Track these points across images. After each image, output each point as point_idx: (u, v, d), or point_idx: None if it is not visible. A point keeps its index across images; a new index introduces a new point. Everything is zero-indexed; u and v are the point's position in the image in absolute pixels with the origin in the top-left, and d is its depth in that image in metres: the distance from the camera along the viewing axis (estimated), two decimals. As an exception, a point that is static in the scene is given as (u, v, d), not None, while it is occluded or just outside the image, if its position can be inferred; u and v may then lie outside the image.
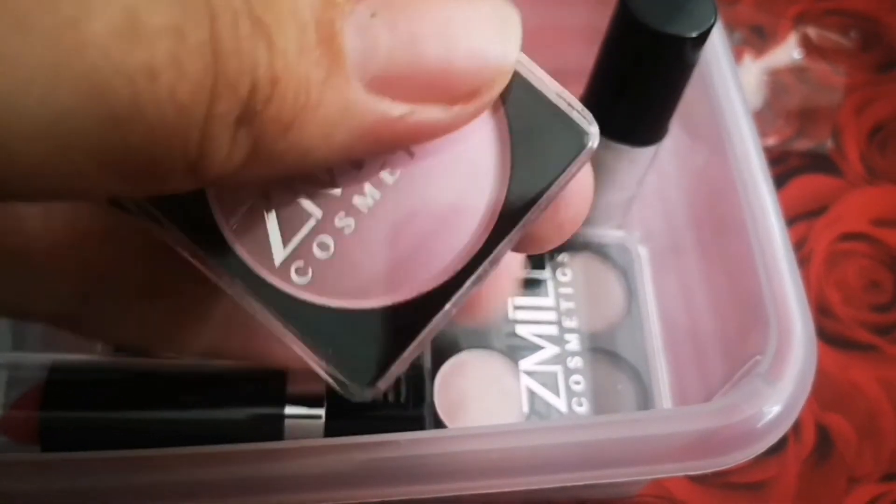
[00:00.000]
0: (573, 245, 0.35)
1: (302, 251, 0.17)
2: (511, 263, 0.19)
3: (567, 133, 0.17)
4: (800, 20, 0.48)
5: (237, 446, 0.23)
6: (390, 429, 0.25)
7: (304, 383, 0.27)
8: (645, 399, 0.32)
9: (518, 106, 0.17)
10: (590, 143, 0.17)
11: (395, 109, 0.15)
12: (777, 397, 0.24)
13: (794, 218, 0.42)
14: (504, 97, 0.17)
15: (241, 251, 0.17)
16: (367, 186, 0.17)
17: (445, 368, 0.31)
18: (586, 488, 0.33)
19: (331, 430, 0.26)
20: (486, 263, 0.17)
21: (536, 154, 0.17)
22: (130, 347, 0.19)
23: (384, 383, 0.17)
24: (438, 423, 0.30)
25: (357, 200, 0.17)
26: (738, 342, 0.28)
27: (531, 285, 0.34)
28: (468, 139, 0.17)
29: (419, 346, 0.17)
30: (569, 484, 0.24)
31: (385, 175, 0.17)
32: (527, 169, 0.17)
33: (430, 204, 0.17)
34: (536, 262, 0.34)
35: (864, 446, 0.36)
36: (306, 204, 0.17)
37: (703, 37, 0.27)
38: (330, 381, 0.17)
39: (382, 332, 0.17)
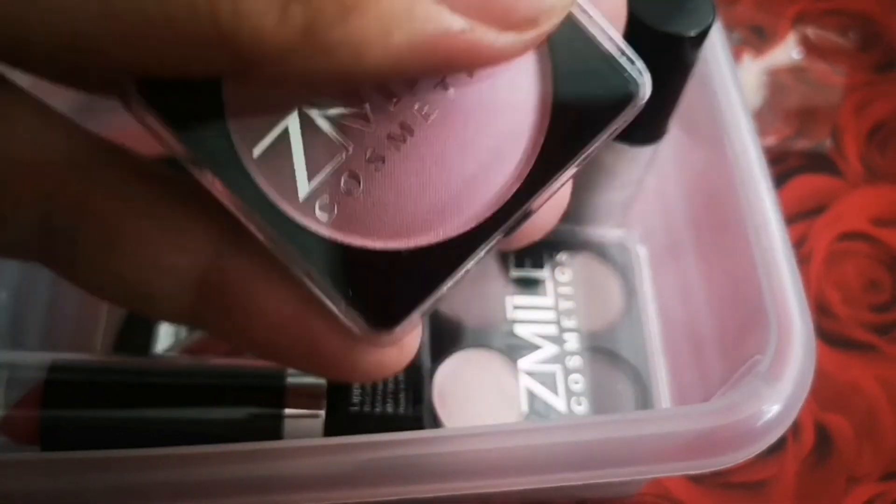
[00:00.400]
0: (572, 244, 0.35)
1: (328, 186, 0.16)
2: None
3: (615, 83, 0.16)
4: (799, 20, 0.48)
5: (236, 446, 0.23)
6: (389, 428, 0.25)
7: (303, 383, 0.27)
8: (644, 398, 0.32)
9: (565, 50, 0.16)
10: (639, 94, 0.16)
11: (456, 23, 0.14)
12: (776, 397, 0.24)
13: (794, 218, 0.42)
14: (552, 40, 0.16)
15: (262, 183, 0.16)
16: (401, 123, 0.16)
17: (444, 368, 0.31)
18: (585, 488, 0.33)
19: (330, 429, 0.26)
20: (518, 215, 0.16)
21: (580, 103, 0.16)
22: (96, 288, 0.18)
23: (403, 329, 0.16)
24: (437, 423, 0.30)
25: (389, 136, 0.16)
26: (738, 341, 0.28)
27: (530, 285, 0.34)
28: (509, 82, 0.16)
29: (443, 293, 0.16)
30: (568, 484, 0.24)
31: (421, 112, 0.16)
32: (569, 119, 0.16)
33: (465, 147, 0.16)
34: (535, 261, 0.34)
35: (863, 446, 0.36)
36: (336, 137, 0.16)
37: (703, 36, 0.27)
38: (348, 322, 0.16)
39: (406, 276, 0.16)
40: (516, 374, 0.31)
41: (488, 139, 0.16)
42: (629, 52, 0.16)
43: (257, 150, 0.16)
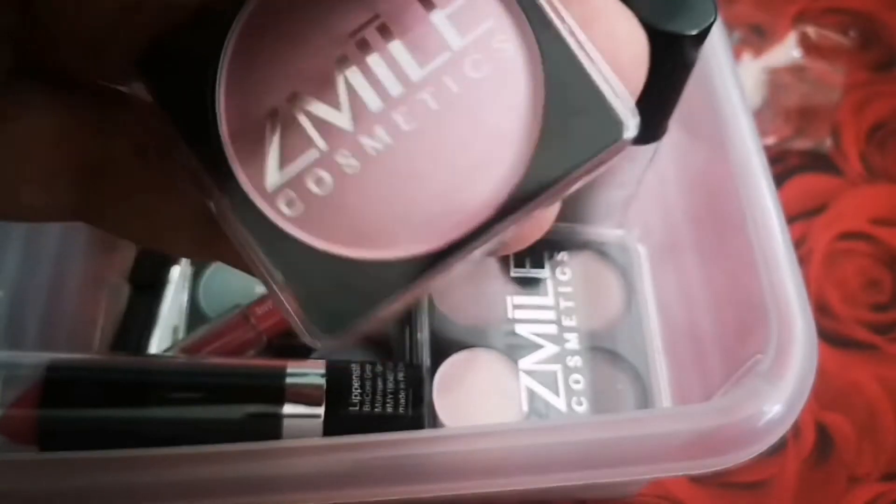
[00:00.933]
0: (572, 244, 0.35)
1: (297, 182, 0.16)
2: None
3: (604, 119, 0.16)
4: (799, 19, 0.48)
5: (235, 445, 0.23)
6: (389, 428, 0.25)
7: (302, 383, 0.27)
8: (644, 398, 0.31)
9: (560, 78, 0.16)
10: (625, 135, 0.16)
11: None
12: (778, 396, 0.24)
13: (793, 217, 0.42)
14: (547, 72, 0.16)
15: (237, 168, 0.16)
16: (380, 129, 0.16)
17: (444, 368, 0.31)
18: (585, 488, 0.33)
19: (329, 429, 0.26)
20: (482, 239, 0.16)
21: (567, 134, 0.16)
22: (137, 240, 0.20)
23: (349, 337, 0.16)
24: (437, 423, 0.30)
25: (366, 141, 0.16)
26: (738, 341, 0.28)
27: (530, 284, 0.33)
28: (498, 105, 0.16)
29: (396, 307, 0.16)
30: (568, 483, 0.24)
31: (401, 121, 0.16)
32: (553, 148, 0.16)
33: (441, 164, 0.16)
34: (536, 261, 0.34)
35: (863, 445, 0.36)
36: (313, 133, 0.16)
37: (704, 34, 0.27)
38: (295, 322, 0.16)
39: (361, 285, 0.16)
40: (516, 374, 0.31)
41: (466, 160, 0.16)
42: (621, 91, 0.16)
43: (238, 135, 0.16)
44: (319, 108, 0.16)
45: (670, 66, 0.28)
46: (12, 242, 0.31)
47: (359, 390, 0.27)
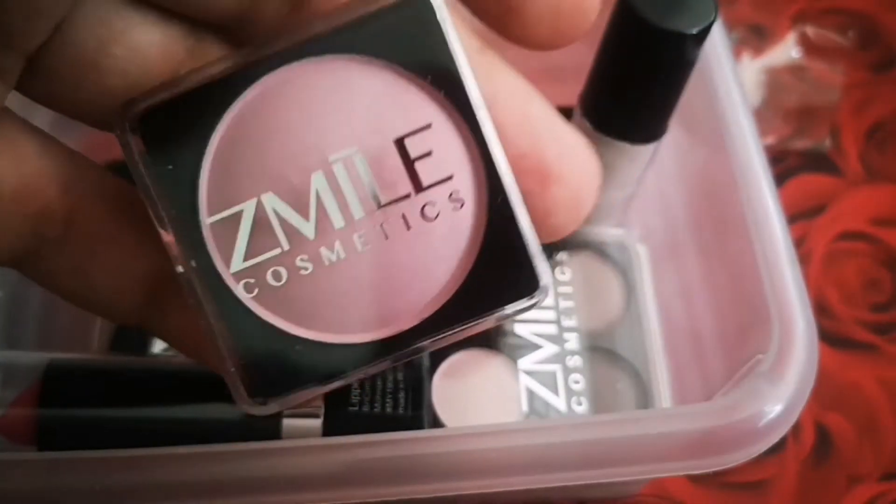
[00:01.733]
0: (572, 244, 0.35)
1: (257, 271, 0.19)
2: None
3: (524, 276, 0.19)
4: (798, 19, 0.48)
5: (235, 445, 0.23)
6: (388, 428, 0.25)
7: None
8: (644, 398, 0.31)
9: (498, 236, 0.19)
10: (537, 298, 0.19)
11: None
12: (779, 396, 0.24)
13: (793, 217, 0.42)
14: (491, 225, 0.19)
15: (210, 244, 0.18)
16: (338, 244, 0.19)
17: (444, 367, 0.31)
18: (585, 488, 0.33)
19: (329, 429, 0.26)
20: (398, 354, 0.19)
21: (490, 280, 0.19)
22: (89, 303, 0.21)
23: (276, 406, 0.19)
24: (437, 423, 0.30)
25: (324, 251, 0.19)
26: (739, 341, 0.28)
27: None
28: (442, 244, 0.19)
29: (320, 390, 0.19)
30: (568, 483, 0.24)
31: (357, 241, 0.19)
32: (473, 291, 0.19)
33: (384, 280, 0.19)
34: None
35: (863, 446, 0.36)
36: (279, 233, 0.18)
37: (704, 33, 0.27)
38: (230, 382, 0.19)
39: (296, 361, 0.19)
40: (516, 374, 0.31)
41: (402, 284, 0.19)
42: (541, 257, 0.19)
43: (215, 217, 0.18)
44: (290, 214, 0.18)
45: (670, 65, 0.28)
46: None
47: (358, 390, 0.27)
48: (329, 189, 0.18)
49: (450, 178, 0.19)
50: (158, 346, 0.34)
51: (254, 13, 0.18)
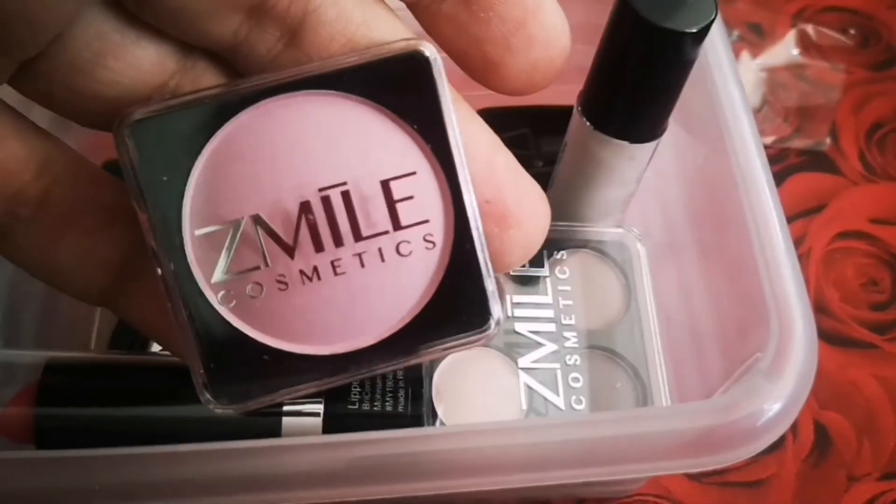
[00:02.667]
0: (572, 242, 0.35)
1: (237, 284, 0.20)
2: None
3: (478, 310, 0.21)
4: (798, 18, 0.48)
5: (235, 443, 0.23)
6: (388, 426, 0.25)
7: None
8: (644, 396, 0.31)
9: (459, 276, 0.20)
10: (488, 332, 0.21)
11: None
12: (778, 394, 0.24)
13: (793, 216, 0.42)
14: (452, 266, 0.20)
15: (191, 254, 0.19)
16: (317, 267, 0.20)
17: (443, 366, 0.30)
18: (585, 486, 0.33)
19: (329, 427, 0.26)
20: (355, 371, 0.21)
21: (447, 310, 0.21)
22: (55, 281, 0.22)
23: (240, 408, 0.20)
24: (436, 421, 0.29)
25: (303, 273, 0.20)
26: (738, 339, 0.28)
27: (529, 282, 0.33)
28: (410, 277, 0.20)
29: (281, 395, 0.21)
30: (567, 482, 0.24)
31: (335, 267, 0.20)
32: (431, 319, 0.20)
33: (351, 305, 0.20)
34: (535, 259, 0.34)
35: (862, 445, 0.36)
36: (263, 251, 0.20)
37: (704, 32, 0.27)
38: (198, 383, 0.20)
39: (261, 368, 0.20)
40: (515, 372, 0.31)
41: (368, 308, 0.20)
42: (496, 295, 0.21)
43: (200, 232, 0.19)
44: (275, 235, 0.20)
45: (670, 64, 0.28)
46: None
47: (358, 388, 0.27)
48: (315, 216, 0.20)
49: (426, 221, 0.20)
50: (156, 344, 0.34)
51: (247, 47, 0.19)
